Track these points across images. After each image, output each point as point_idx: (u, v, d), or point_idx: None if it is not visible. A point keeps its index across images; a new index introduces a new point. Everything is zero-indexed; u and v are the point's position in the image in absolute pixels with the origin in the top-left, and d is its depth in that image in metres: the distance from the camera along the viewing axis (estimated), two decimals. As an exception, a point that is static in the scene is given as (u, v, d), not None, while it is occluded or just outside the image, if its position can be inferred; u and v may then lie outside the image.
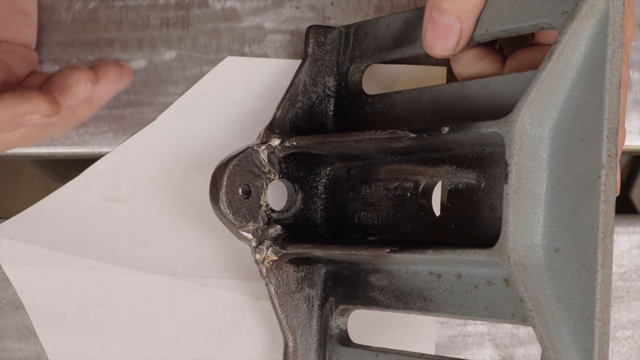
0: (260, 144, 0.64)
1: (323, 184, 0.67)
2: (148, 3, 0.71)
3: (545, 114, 0.51)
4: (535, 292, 0.50)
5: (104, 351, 0.70)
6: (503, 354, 0.70)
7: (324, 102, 0.67)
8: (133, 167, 0.71)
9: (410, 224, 0.61)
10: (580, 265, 0.49)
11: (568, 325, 0.49)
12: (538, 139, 0.51)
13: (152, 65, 0.71)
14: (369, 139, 0.59)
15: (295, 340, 0.65)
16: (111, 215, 0.71)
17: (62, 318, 0.70)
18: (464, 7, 0.56)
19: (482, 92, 0.58)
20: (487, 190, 0.56)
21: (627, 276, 0.70)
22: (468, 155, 0.57)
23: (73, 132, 0.71)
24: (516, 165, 0.50)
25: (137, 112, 0.71)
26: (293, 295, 0.65)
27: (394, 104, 0.64)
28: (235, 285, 0.70)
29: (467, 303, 0.56)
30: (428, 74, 0.70)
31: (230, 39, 0.71)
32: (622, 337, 0.70)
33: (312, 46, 0.67)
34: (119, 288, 0.70)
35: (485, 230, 0.56)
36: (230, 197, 0.63)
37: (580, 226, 0.50)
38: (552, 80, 0.50)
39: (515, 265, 0.50)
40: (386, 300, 0.61)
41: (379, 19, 0.65)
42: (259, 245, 0.64)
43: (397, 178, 0.62)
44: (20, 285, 0.71)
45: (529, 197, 0.51)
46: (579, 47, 0.50)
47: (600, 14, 0.50)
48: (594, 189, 0.49)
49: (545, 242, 0.51)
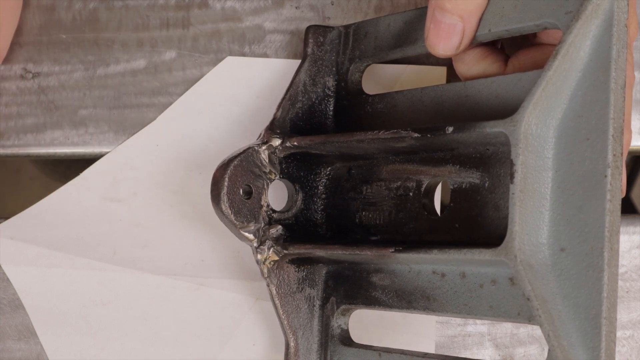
0: (261, 144, 0.64)
1: (323, 184, 0.67)
2: (148, 3, 0.71)
3: (551, 113, 0.51)
4: (542, 291, 0.50)
5: (104, 351, 0.70)
6: (503, 354, 0.70)
7: (324, 102, 0.67)
8: (133, 167, 0.71)
9: (412, 224, 0.61)
10: (586, 264, 0.50)
11: (575, 324, 0.49)
12: (543, 139, 0.51)
13: (152, 65, 0.71)
14: (371, 139, 0.59)
15: (296, 340, 0.65)
16: (111, 215, 0.71)
17: (62, 318, 0.70)
18: (467, 7, 0.56)
19: (485, 91, 0.58)
20: (491, 189, 0.56)
21: (627, 276, 0.70)
22: (471, 154, 0.58)
23: (73, 132, 0.71)
24: (522, 164, 0.50)
25: (137, 112, 0.71)
26: (294, 295, 0.65)
27: (395, 104, 0.64)
28: (235, 285, 0.70)
29: (472, 302, 0.56)
30: (428, 74, 0.70)
31: (230, 39, 0.71)
32: (622, 337, 0.70)
33: (312, 46, 0.67)
34: (119, 288, 0.70)
35: (489, 229, 0.56)
36: (231, 197, 0.63)
37: (586, 225, 0.50)
38: (557, 80, 0.50)
39: (521, 265, 0.50)
40: (389, 299, 0.61)
41: (379, 18, 0.65)
42: (260, 246, 0.64)
43: (399, 178, 0.62)
44: (20, 285, 0.70)
45: (534, 196, 0.51)
46: (583, 47, 0.50)
47: (604, 14, 0.50)
48: (600, 188, 0.49)
49: (551, 241, 0.51)
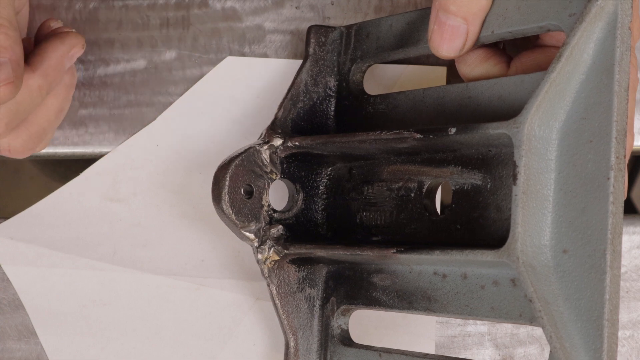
0: (262, 143, 0.64)
1: (324, 184, 0.67)
2: (148, 3, 0.71)
3: (554, 115, 0.51)
4: (544, 292, 0.50)
5: (104, 351, 0.70)
6: (503, 354, 0.70)
7: (325, 102, 0.67)
8: (133, 167, 0.71)
9: (414, 225, 0.61)
10: (589, 266, 0.50)
11: (577, 326, 0.50)
12: (546, 141, 0.51)
13: (152, 65, 0.71)
14: (373, 140, 0.59)
15: (296, 340, 0.65)
16: (111, 215, 0.71)
17: (62, 318, 0.70)
18: (471, 9, 0.56)
19: (487, 93, 0.58)
20: (493, 191, 0.56)
21: (627, 276, 0.71)
22: (474, 156, 0.58)
23: (73, 132, 0.71)
24: (525, 166, 0.50)
25: (137, 112, 0.71)
26: (294, 295, 0.65)
27: (397, 105, 0.64)
28: (235, 285, 0.70)
29: (473, 303, 0.56)
30: (428, 74, 0.70)
31: (230, 39, 0.71)
32: (622, 337, 0.70)
33: (313, 46, 0.67)
34: (119, 288, 0.70)
35: (491, 231, 0.56)
36: (232, 197, 0.63)
37: (589, 227, 0.50)
38: (561, 82, 0.50)
39: (524, 266, 0.50)
40: (389, 300, 0.61)
41: (381, 19, 0.65)
42: (261, 246, 0.64)
43: (401, 178, 0.62)
44: (20, 285, 0.70)
45: (537, 198, 0.51)
46: (587, 49, 0.50)
47: (608, 17, 0.50)
48: (602, 191, 0.49)
49: (553, 243, 0.51)
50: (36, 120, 0.64)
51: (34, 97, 0.62)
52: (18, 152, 0.64)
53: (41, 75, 0.62)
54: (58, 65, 0.63)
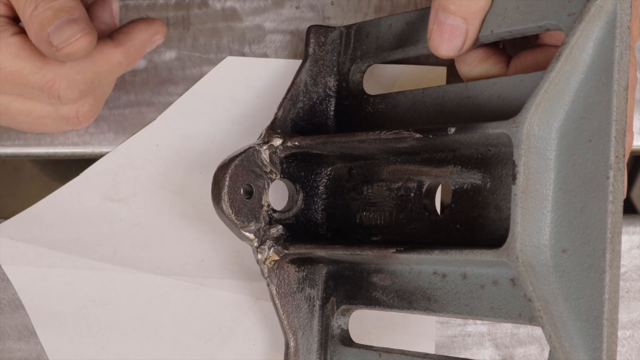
0: (262, 143, 0.64)
1: (324, 184, 0.67)
2: (148, 3, 0.71)
3: (553, 115, 0.51)
4: (544, 292, 0.50)
5: (104, 351, 0.70)
6: (503, 354, 0.70)
7: (325, 102, 0.67)
8: (133, 167, 0.71)
9: (414, 224, 0.61)
10: (588, 266, 0.50)
11: (576, 325, 0.50)
12: (545, 140, 0.51)
13: (152, 65, 0.71)
14: (373, 139, 0.59)
15: (296, 340, 0.65)
16: (111, 215, 0.71)
17: (62, 318, 0.70)
18: (470, 8, 0.56)
19: (487, 92, 0.58)
20: (493, 190, 0.56)
21: (627, 276, 0.71)
22: (473, 155, 0.58)
23: (73, 132, 0.71)
24: (524, 166, 0.50)
25: (137, 112, 0.71)
26: (294, 295, 0.65)
27: (397, 105, 0.64)
28: (235, 285, 0.70)
29: (473, 303, 0.56)
30: (428, 74, 0.70)
31: (230, 39, 0.71)
32: (622, 337, 0.70)
33: (313, 46, 0.67)
34: (118, 288, 0.70)
35: (490, 230, 0.56)
36: (232, 197, 0.63)
37: (588, 227, 0.50)
38: (560, 82, 0.51)
39: (523, 266, 0.50)
40: (389, 300, 0.61)
41: (381, 19, 0.65)
42: (260, 245, 0.64)
43: (400, 178, 0.62)
44: (20, 285, 0.70)
45: (536, 197, 0.51)
46: (586, 48, 0.50)
47: (607, 16, 0.50)
48: (601, 190, 0.49)
49: (552, 243, 0.51)
50: (102, 86, 0.65)
51: (113, 71, 0.64)
52: (86, 117, 0.65)
53: (123, 53, 0.64)
54: (140, 47, 0.65)
